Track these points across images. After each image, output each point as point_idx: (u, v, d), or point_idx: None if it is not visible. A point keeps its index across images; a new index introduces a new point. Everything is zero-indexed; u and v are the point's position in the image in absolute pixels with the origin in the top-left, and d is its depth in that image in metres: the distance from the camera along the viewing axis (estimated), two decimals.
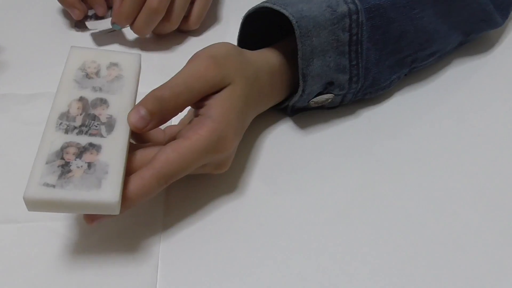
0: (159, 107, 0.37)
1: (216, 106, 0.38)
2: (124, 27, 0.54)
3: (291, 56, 0.45)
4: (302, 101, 0.46)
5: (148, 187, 0.35)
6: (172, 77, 0.38)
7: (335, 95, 0.47)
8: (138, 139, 0.41)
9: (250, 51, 0.45)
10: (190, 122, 0.39)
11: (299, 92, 0.44)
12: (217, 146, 0.38)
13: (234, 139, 0.39)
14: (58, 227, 0.40)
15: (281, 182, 0.44)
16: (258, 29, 0.48)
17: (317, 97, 0.46)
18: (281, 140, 0.48)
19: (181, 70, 0.39)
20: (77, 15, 0.56)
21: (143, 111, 0.36)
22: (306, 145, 0.47)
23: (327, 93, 0.46)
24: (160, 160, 0.36)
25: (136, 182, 0.35)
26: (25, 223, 0.40)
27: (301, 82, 0.44)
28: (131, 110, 0.37)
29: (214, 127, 0.37)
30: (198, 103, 0.39)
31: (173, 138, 0.41)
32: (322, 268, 0.39)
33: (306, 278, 0.38)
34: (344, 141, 0.48)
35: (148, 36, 0.57)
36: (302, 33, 0.42)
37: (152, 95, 0.37)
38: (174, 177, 0.37)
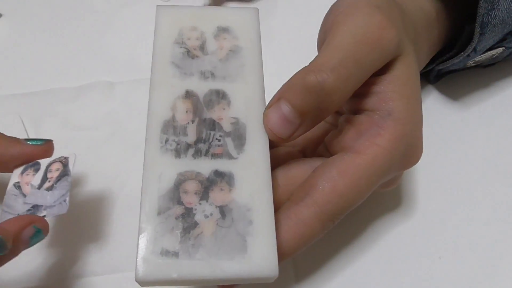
0: (315, 102, 0.22)
1: (395, 95, 0.24)
2: None
3: None
4: (463, 61, 0.32)
5: (310, 234, 0.23)
6: (327, 47, 0.23)
7: (506, 48, 0.33)
8: None
9: None
10: (348, 121, 0.25)
11: (468, 49, 0.30)
12: (405, 159, 0.24)
13: (422, 144, 0.26)
14: None
15: (456, 191, 0.32)
16: None
17: (482, 54, 0.32)
18: (431, 121, 0.34)
19: (332, 31, 0.24)
20: None
21: (287, 109, 0.22)
22: (468, 125, 0.34)
23: (498, 47, 0.32)
24: (324, 191, 0.22)
25: (291, 227, 0.22)
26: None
27: (476, 36, 0.29)
28: (267, 108, 0.23)
29: (400, 132, 0.23)
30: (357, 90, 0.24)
31: (315, 142, 0.28)
32: None
33: None
34: None
35: None
36: None
37: (302, 83, 0.22)
38: (344, 214, 0.23)
